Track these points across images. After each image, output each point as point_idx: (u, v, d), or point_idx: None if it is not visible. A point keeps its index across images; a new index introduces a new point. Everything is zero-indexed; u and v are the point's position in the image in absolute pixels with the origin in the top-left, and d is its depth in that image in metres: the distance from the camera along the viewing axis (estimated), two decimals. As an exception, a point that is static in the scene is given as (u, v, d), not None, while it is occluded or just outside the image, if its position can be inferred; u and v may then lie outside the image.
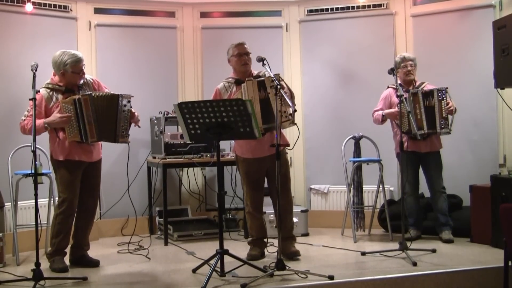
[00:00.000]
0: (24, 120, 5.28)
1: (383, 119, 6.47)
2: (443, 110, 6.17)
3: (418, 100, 6.25)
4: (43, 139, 5.52)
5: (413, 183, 6.49)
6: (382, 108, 6.55)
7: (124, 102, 5.40)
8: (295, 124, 5.38)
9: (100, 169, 5.69)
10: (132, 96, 5.49)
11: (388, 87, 6.61)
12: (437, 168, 6.41)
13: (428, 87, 6.43)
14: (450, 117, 6.26)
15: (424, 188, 6.63)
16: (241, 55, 5.68)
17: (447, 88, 6.23)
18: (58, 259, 5.40)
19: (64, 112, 5.21)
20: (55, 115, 5.21)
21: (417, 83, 6.52)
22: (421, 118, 6.24)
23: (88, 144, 5.39)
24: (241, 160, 5.75)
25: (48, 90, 5.34)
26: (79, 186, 5.45)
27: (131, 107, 5.44)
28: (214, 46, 7.67)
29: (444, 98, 6.19)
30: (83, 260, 5.56)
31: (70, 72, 5.31)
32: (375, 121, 6.57)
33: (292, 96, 5.52)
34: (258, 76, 5.66)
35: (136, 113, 5.52)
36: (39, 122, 5.15)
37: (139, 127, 5.63)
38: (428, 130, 6.23)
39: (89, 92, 5.36)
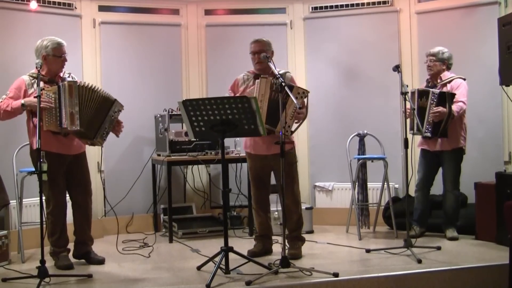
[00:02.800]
0: (1, 101, 5.21)
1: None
2: (429, 115, 6.13)
3: (414, 100, 6.20)
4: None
5: (423, 179, 6.45)
6: None
7: (116, 109, 5.42)
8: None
9: (86, 163, 5.63)
10: (123, 108, 5.52)
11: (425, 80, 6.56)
12: (448, 167, 6.33)
13: (454, 82, 6.29)
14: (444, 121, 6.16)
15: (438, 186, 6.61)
16: (254, 53, 5.64)
17: (444, 93, 6.13)
18: (63, 256, 5.41)
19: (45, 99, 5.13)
20: (33, 98, 5.06)
21: (444, 78, 6.37)
22: (413, 118, 6.20)
23: (67, 132, 5.28)
24: (247, 155, 5.79)
25: (31, 78, 5.27)
26: (64, 182, 5.42)
27: (118, 117, 5.47)
28: (218, 44, 7.68)
29: (434, 102, 6.11)
30: (88, 258, 5.56)
31: (51, 55, 5.29)
32: None
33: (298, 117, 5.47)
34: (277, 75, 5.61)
35: (122, 124, 5.55)
36: (17, 102, 5.12)
37: (117, 136, 5.63)
38: (417, 131, 6.21)
39: (75, 80, 5.33)
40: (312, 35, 7.71)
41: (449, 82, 6.33)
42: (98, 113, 5.34)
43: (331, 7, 7.65)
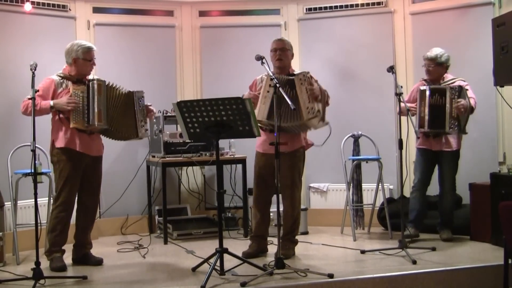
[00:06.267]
0: (30, 99, 5.26)
1: (401, 111, 6.35)
2: (453, 110, 6.11)
3: (424, 98, 6.18)
4: (43, 139, 5.52)
5: (421, 179, 6.44)
6: (407, 101, 6.48)
7: (137, 98, 5.56)
8: (327, 123, 5.40)
9: (101, 168, 5.70)
10: (144, 92, 5.64)
11: (420, 80, 6.53)
12: (448, 168, 6.31)
13: (457, 83, 6.28)
14: (467, 115, 6.18)
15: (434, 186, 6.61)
16: (275, 50, 5.66)
17: (461, 86, 6.14)
18: (57, 257, 5.41)
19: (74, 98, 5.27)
20: (63, 98, 5.27)
21: (447, 79, 6.37)
22: (424, 117, 6.21)
23: (92, 130, 5.39)
24: (256, 153, 5.79)
25: (60, 78, 5.40)
26: (78, 182, 5.45)
27: (144, 102, 5.62)
28: (212, 45, 7.68)
29: (456, 97, 6.10)
30: (86, 259, 5.58)
31: (81, 59, 5.39)
32: None
33: (324, 97, 5.50)
34: (292, 74, 5.57)
35: (151, 107, 5.70)
36: (46, 102, 5.23)
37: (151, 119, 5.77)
38: (429, 129, 6.19)
39: (104, 80, 5.44)
40: (306, 36, 7.72)
41: (452, 83, 6.33)
42: (126, 111, 5.51)
43: (325, 8, 7.65)
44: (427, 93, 6.17)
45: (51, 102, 5.25)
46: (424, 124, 6.18)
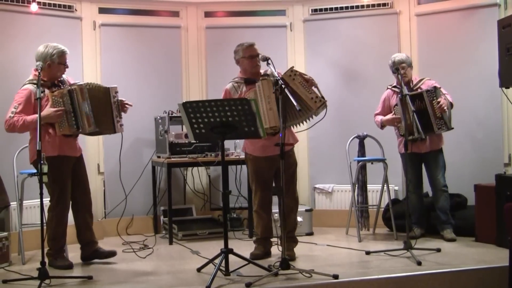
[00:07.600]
0: (13, 117, 5.23)
1: (382, 125, 6.46)
2: (436, 111, 6.12)
3: (407, 105, 6.15)
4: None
5: (414, 182, 6.47)
6: (381, 112, 6.53)
7: (113, 93, 5.53)
8: (326, 105, 5.45)
9: (84, 164, 5.74)
10: (117, 87, 5.61)
11: (387, 88, 6.59)
12: (437, 167, 6.37)
13: (427, 83, 6.36)
14: (450, 111, 6.19)
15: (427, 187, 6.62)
16: (253, 57, 5.63)
17: (435, 87, 6.18)
18: (61, 256, 5.47)
19: (56, 106, 5.25)
20: (49, 110, 5.22)
21: (415, 81, 6.45)
22: (411, 123, 6.16)
23: (78, 134, 5.46)
24: (251, 158, 5.73)
25: (35, 86, 5.27)
26: (70, 184, 5.48)
27: (119, 97, 5.58)
28: (218, 46, 7.67)
29: (434, 98, 6.12)
30: (97, 255, 5.62)
31: (56, 63, 5.37)
32: (376, 125, 6.55)
33: (313, 83, 5.49)
34: (266, 75, 5.63)
35: (124, 101, 5.64)
36: (32, 117, 5.16)
37: (125, 112, 5.71)
38: (419, 135, 6.17)
39: (82, 83, 5.43)
40: (312, 37, 7.72)
41: (422, 84, 6.40)
42: (105, 108, 5.49)
43: (331, 9, 7.65)
44: (409, 100, 6.01)
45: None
46: (413, 131, 6.14)
